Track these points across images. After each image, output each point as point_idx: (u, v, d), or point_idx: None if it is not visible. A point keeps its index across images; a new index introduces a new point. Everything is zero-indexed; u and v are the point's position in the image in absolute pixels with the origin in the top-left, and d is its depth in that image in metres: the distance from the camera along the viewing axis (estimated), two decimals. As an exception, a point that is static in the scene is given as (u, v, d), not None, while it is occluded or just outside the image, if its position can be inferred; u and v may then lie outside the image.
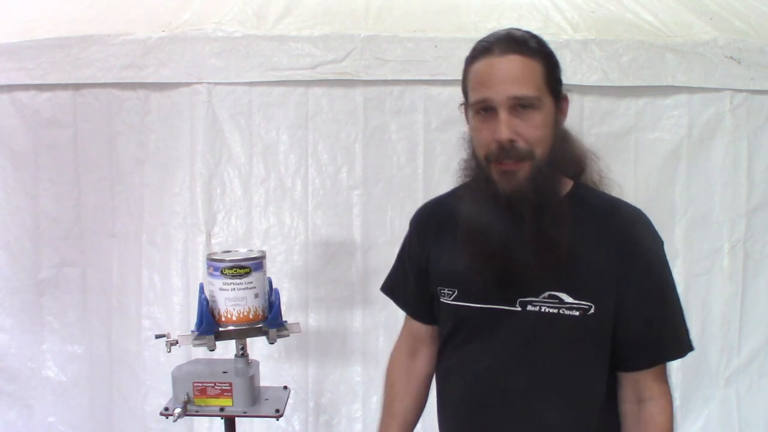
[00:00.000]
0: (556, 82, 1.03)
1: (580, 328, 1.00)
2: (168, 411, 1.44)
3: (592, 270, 1.00)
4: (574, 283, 1.00)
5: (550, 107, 1.01)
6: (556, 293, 1.00)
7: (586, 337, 1.01)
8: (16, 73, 2.11)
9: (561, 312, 1.00)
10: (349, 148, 2.12)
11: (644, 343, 1.02)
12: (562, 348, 1.03)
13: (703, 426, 2.20)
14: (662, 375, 1.06)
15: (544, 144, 1.00)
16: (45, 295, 2.24)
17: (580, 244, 1.00)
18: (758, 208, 2.18)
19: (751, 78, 2.13)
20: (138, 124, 2.14)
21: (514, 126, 0.97)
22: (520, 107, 0.98)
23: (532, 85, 0.98)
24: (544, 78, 1.00)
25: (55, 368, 2.26)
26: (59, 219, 2.21)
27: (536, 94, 0.98)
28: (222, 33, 2.07)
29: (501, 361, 1.06)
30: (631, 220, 1.04)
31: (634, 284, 1.00)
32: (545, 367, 1.04)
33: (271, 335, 1.46)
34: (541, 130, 0.99)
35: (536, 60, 0.99)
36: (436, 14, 2.21)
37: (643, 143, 2.15)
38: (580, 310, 1.00)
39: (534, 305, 1.02)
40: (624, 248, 1.00)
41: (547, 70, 1.01)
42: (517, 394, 1.05)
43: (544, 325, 1.01)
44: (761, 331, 2.22)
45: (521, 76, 0.98)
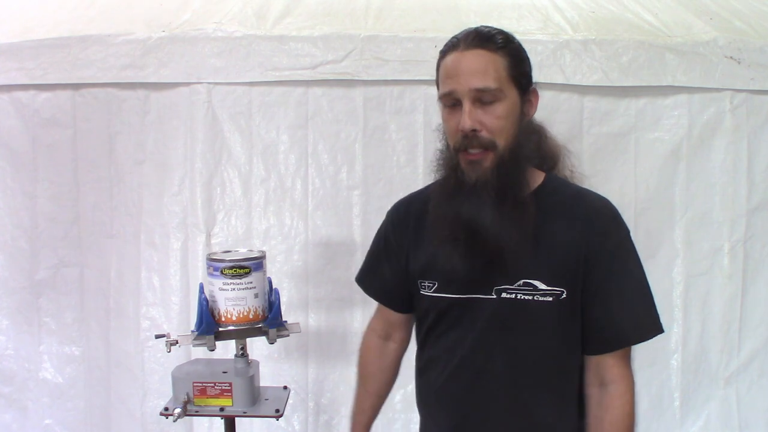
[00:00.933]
0: (521, 75, 1.07)
1: (553, 313, 1.06)
2: (168, 411, 1.44)
3: (562, 256, 1.05)
4: (547, 270, 1.05)
5: (514, 99, 1.06)
6: (531, 281, 1.05)
7: (560, 322, 1.07)
8: (16, 72, 2.11)
9: (535, 298, 1.05)
10: (349, 148, 2.12)
11: (606, 327, 1.07)
12: (536, 333, 1.08)
13: (703, 426, 2.20)
14: (625, 359, 1.09)
15: (506, 134, 1.04)
16: (42, 296, 2.23)
17: (551, 232, 1.06)
18: (758, 208, 2.18)
19: (751, 78, 2.13)
20: (137, 124, 2.14)
21: (476, 116, 1.03)
22: (483, 99, 1.03)
23: (493, 78, 1.03)
24: (506, 71, 1.04)
25: (52, 370, 2.26)
26: (57, 219, 2.20)
27: (497, 86, 1.03)
28: (222, 33, 2.07)
29: (480, 347, 1.11)
30: (597, 209, 1.09)
31: (597, 269, 1.05)
32: (521, 352, 1.09)
33: (271, 335, 1.46)
34: (502, 121, 1.04)
35: (499, 54, 1.04)
36: (436, 14, 2.21)
37: (643, 143, 2.15)
38: (553, 296, 1.05)
39: (509, 293, 1.07)
40: (589, 235, 1.05)
41: (510, 64, 1.05)
42: (497, 379, 1.10)
43: (519, 312, 1.06)
44: (761, 331, 2.22)
45: (483, 69, 1.03)
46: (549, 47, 2.06)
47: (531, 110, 1.10)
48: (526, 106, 1.09)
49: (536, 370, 1.09)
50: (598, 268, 1.05)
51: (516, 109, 1.06)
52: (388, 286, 1.29)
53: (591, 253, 1.05)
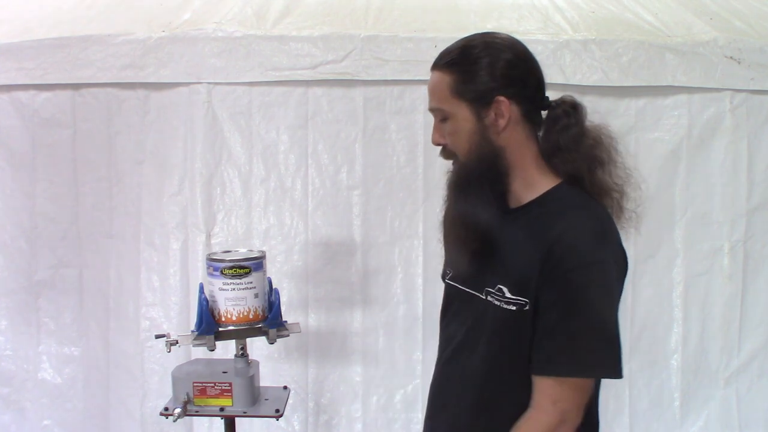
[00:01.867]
0: (470, 90, 1.06)
1: (517, 322, 1.04)
2: (168, 411, 1.44)
3: (526, 267, 1.03)
4: (512, 279, 1.05)
5: (464, 115, 1.07)
6: (501, 286, 1.06)
7: (523, 332, 1.04)
8: (16, 73, 2.11)
9: (501, 305, 1.06)
10: (349, 148, 2.12)
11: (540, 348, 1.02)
12: (504, 338, 1.07)
13: (703, 426, 2.20)
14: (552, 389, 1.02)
15: (461, 148, 1.09)
16: (41, 297, 2.22)
17: (524, 242, 1.05)
18: (758, 208, 2.18)
19: (751, 78, 2.13)
20: (137, 124, 2.14)
21: (440, 132, 1.11)
22: (439, 117, 1.10)
23: (438, 98, 1.09)
24: (450, 89, 1.07)
25: (51, 370, 2.25)
26: (57, 219, 2.20)
27: (439, 106, 1.09)
28: (222, 33, 2.07)
29: (468, 342, 1.14)
30: (570, 227, 1.02)
31: (545, 291, 1.01)
32: (494, 354, 1.09)
33: (271, 335, 1.46)
34: (453, 137, 1.09)
35: (445, 72, 1.07)
36: (436, 14, 2.21)
37: (643, 143, 2.15)
38: (517, 305, 1.04)
39: (491, 295, 1.08)
40: (546, 255, 1.00)
41: (456, 81, 1.06)
42: (473, 374, 1.12)
43: (492, 314, 1.08)
44: (761, 331, 2.22)
45: (432, 90, 1.10)
46: (549, 47, 2.06)
47: (500, 120, 1.05)
48: (491, 117, 1.05)
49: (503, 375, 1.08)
50: (550, 286, 1.00)
51: (468, 124, 1.06)
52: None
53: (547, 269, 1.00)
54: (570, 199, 1.08)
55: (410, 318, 2.14)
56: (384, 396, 2.15)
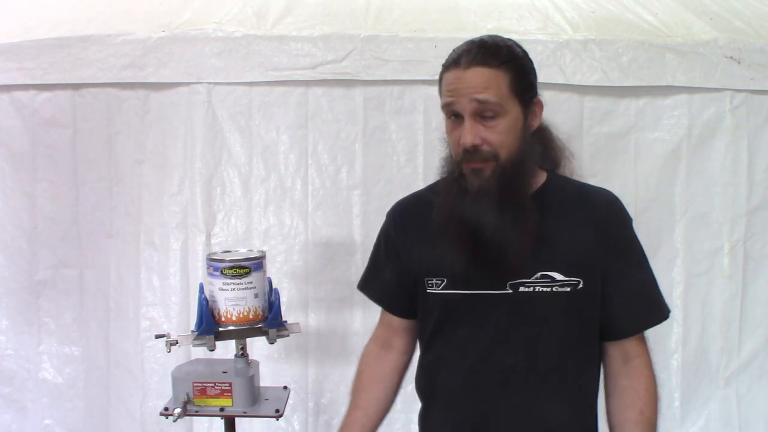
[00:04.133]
0: (525, 89, 1.08)
1: (571, 303, 1.09)
2: (168, 411, 1.44)
3: (576, 248, 1.10)
4: (563, 262, 1.09)
5: (517, 113, 1.07)
6: (548, 273, 1.09)
7: (578, 311, 1.11)
8: (16, 73, 2.11)
9: (554, 290, 1.09)
10: (349, 148, 2.12)
11: (631, 311, 1.13)
12: (556, 323, 1.11)
13: (703, 426, 2.20)
14: (643, 338, 1.17)
15: (508, 147, 1.06)
16: (42, 297, 2.22)
17: (562, 226, 1.10)
18: (758, 208, 2.18)
19: (751, 78, 2.13)
20: (137, 124, 2.14)
21: (477, 132, 1.04)
22: (484, 114, 1.04)
23: (493, 95, 1.04)
24: (508, 87, 1.05)
25: (52, 370, 2.25)
26: (57, 219, 2.19)
27: (497, 101, 1.04)
28: (222, 33, 2.07)
29: (500, 343, 1.11)
30: (606, 200, 1.16)
31: (617, 258, 1.11)
32: (542, 344, 1.11)
33: (271, 335, 1.46)
34: (504, 136, 1.05)
35: (501, 70, 1.05)
36: (436, 14, 2.21)
37: (643, 143, 2.15)
38: (570, 286, 1.09)
39: (527, 286, 1.09)
40: (604, 225, 1.12)
41: (512, 79, 1.06)
42: (516, 375, 1.11)
43: (539, 304, 1.09)
44: (761, 331, 2.22)
45: (483, 87, 1.04)
46: (549, 47, 2.06)
47: (535, 121, 1.12)
48: (530, 118, 1.10)
49: (556, 361, 1.12)
50: (618, 256, 1.11)
51: (518, 123, 1.07)
52: (390, 288, 1.27)
53: (610, 243, 1.11)
54: (573, 181, 1.20)
55: (410, 318, 2.14)
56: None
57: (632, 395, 1.13)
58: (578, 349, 1.13)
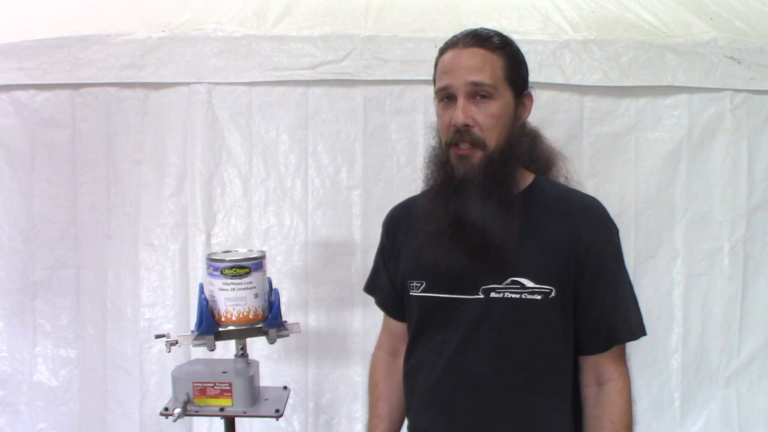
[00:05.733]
0: (517, 78, 1.08)
1: (542, 312, 1.05)
2: (168, 411, 1.44)
3: (550, 255, 1.05)
4: (535, 268, 1.05)
5: (508, 100, 1.07)
6: (519, 279, 1.06)
7: (549, 321, 1.07)
8: (16, 73, 2.11)
9: (523, 297, 1.05)
10: (349, 148, 2.12)
11: (600, 326, 1.08)
12: (525, 332, 1.07)
13: (703, 426, 2.20)
14: (620, 357, 1.10)
15: (497, 134, 1.06)
16: (38, 298, 2.21)
17: (538, 231, 1.07)
18: (758, 208, 2.18)
19: (751, 78, 2.13)
20: (136, 124, 2.14)
21: (470, 112, 1.05)
22: (477, 96, 1.05)
23: (489, 75, 1.05)
24: (503, 71, 1.06)
25: (47, 373, 2.23)
26: (54, 220, 2.18)
27: (492, 82, 1.05)
28: (222, 33, 2.06)
29: (468, 348, 1.10)
30: (585, 208, 1.10)
31: (589, 269, 1.06)
32: (511, 351, 1.08)
33: (271, 335, 1.46)
34: (494, 119, 1.05)
35: (497, 54, 1.07)
36: (436, 14, 2.21)
37: (643, 143, 2.15)
38: (541, 294, 1.05)
39: (498, 292, 1.07)
40: (578, 234, 1.06)
41: (507, 65, 1.07)
42: (486, 381, 1.09)
43: (508, 311, 1.06)
44: (761, 331, 2.22)
45: (479, 66, 1.05)
46: (549, 47, 2.06)
47: (524, 113, 1.11)
48: (520, 109, 1.10)
49: (526, 370, 1.08)
50: (590, 267, 1.06)
51: (509, 110, 1.07)
52: (388, 291, 1.29)
53: (581, 252, 1.05)
54: (560, 186, 1.15)
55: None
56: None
57: (595, 427, 1.08)
58: (548, 361, 1.08)
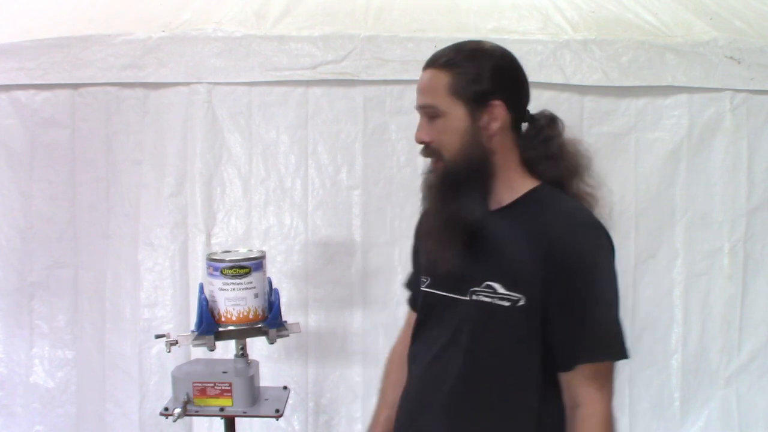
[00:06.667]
0: (469, 90, 1.08)
1: (511, 319, 1.06)
2: (168, 411, 1.44)
3: (524, 264, 1.05)
4: (506, 275, 1.07)
5: (458, 115, 1.09)
6: (492, 283, 1.07)
7: (517, 329, 1.06)
8: (16, 73, 2.10)
9: (494, 302, 1.07)
10: (349, 148, 2.12)
11: (565, 343, 1.06)
12: (495, 337, 1.09)
13: (703, 426, 2.20)
14: (595, 379, 1.05)
15: (450, 147, 1.10)
16: (35, 298, 2.19)
17: (518, 238, 1.07)
18: (758, 208, 2.18)
19: (751, 78, 2.13)
20: (136, 124, 2.14)
21: (425, 130, 1.13)
22: (429, 114, 1.12)
23: (432, 95, 1.10)
24: (447, 88, 1.09)
25: (44, 374, 2.21)
26: (53, 219, 2.18)
27: (433, 102, 1.10)
28: (222, 33, 2.06)
29: (451, 347, 1.13)
30: (563, 220, 1.06)
31: (557, 283, 1.03)
32: (481, 355, 1.10)
33: (271, 335, 1.46)
34: (444, 135, 1.10)
35: (443, 72, 1.10)
36: (436, 14, 2.21)
37: (643, 143, 2.15)
38: (510, 301, 1.05)
39: (477, 294, 1.09)
40: (552, 248, 1.03)
41: (453, 81, 1.09)
42: (459, 380, 1.12)
43: (481, 314, 1.08)
44: (761, 331, 2.22)
45: (425, 89, 1.12)
46: (549, 47, 2.06)
47: (492, 123, 1.09)
48: (485, 119, 1.08)
49: (494, 376, 1.09)
50: (559, 281, 1.03)
51: (461, 124, 1.09)
52: (415, 289, 1.33)
53: (550, 264, 1.02)
54: (555, 197, 1.12)
55: (410, 318, 2.14)
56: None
57: None
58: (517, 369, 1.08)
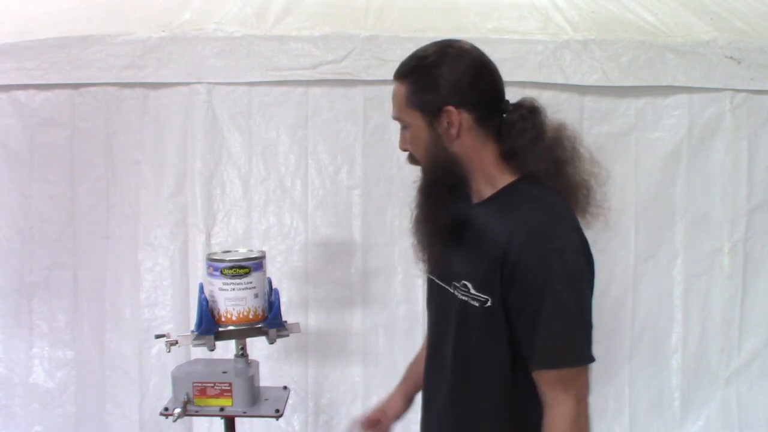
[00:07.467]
0: (424, 100, 1.09)
1: (481, 319, 1.07)
2: (168, 411, 1.44)
3: (487, 266, 1.04)
4: (476, 275, 1.07)
5: (418, 125, 1.11)
6: (466, 282, 1.09)
7: (487, 329, 1.08)
8: (16, 73, 2.10)
9: (468, 300, 1.09)
10: (349, 148, 2.12)
11: (525, 347, 1.05)
12: (470, 334, 1.11)
13: (703, 426, 2.20)
14: (558, 381, 1.03)
15: (419, 155, 1.14)
16: (35, 298, 2.19)
17: (482, 240, 1.07)
18: (758, 208, 2.18)
19: (751, 78, 2.13)
20: (136, 124, 2.14)
21: (403, 139, 1.17)
22: (402, 125, 1.16)
23: (396, 107, 1.14)
24: (405, 99, 1.11)
25: (43, 374, 2.21)
26: (52, 219, 2.18)
27: (398, 115, 1.14)
28: (222, 33, 2.06)
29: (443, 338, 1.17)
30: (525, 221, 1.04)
31: (512, 291, 1.02)
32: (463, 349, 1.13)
33: (271, 335, 1.46)
34: (410, 144, 1.15)
35: (401, 83, 1.12)
36: (436, 14, 2.21)
37: (643, 143, 2.15)
38: (479, 302, 1.07)
39: (456, 290, 1.12)
40: (507, 253, 1.01)
41: (408, 91, 1.10)
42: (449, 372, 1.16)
43: (460, 310, 1.11)
44: (761, 331, 2.22)
45: (393, 100, 1.14)
46: (549, 47, 2.06)
47: (451, 130, 1.07)
48: (442, 126, 1.07)
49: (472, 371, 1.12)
50: (514, 286, 1.01)
51: (422, 133, 1.11)
52: None
53: (507, 268, 1.01)
54: (523, 194, 1.10)
55: (410, 318, 2.14)
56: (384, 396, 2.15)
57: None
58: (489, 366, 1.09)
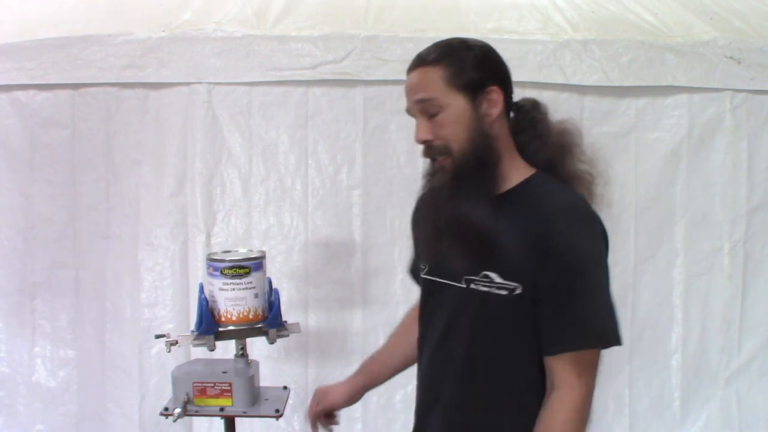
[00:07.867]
0: (466, 79, 1.10)
1: (509, 308, 1.07)
2: (168, 411, 1.44)
3: (517, 252, 1.06)
4: (503, 264, 1.07)
5: (460, 105, 1.10)
6: (489, 273, 1.08)
7: (515, 318, 1.08)
8: (16, 73, 2.10)
9: (492, 291, 1.08)
10: (349, 148, 2.12)
11: (550, 329, 1.07)
12: (494, 326, 1.10)
13: (703, 426, 2.20)
14: (575, 365, 1.05)
15: (459, 138, 1.10)
16: (36, 298, 2.20)
17: (513, 227, 1.08)
18: (758, 208, 2.18)
19: (751, 78, 2.13)
20: (136, 124, 2.14)
21: (426, 129, 1.13)
22: (428, 111, 1.11)
23: (430, 89, 1.10)
24: (444, 81, 1.10)
25: (45, 373, 2.22)
26: (53, 220, 2.18)
27: (433, 95, 1.10)
28: (222, 33, 2.06)
29: (449, 334, 1.16)
30: (557, 208, 1.07)
31: (548, 269, 1.04)
32: (481, 343, 1.12)
33: (271, 335, 1.46)
34: (449, 128, 1.10)
35: (436, 67, 1.11)
36: (436, 14, 2.21)
37: (643, 143, 2.15)
38: (508, 290, 1.07)
39: (475, 284, 1.10)
40: (543, 233, 1.05)
41: (450, 73, 1.10)
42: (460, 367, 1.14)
43: (480, 303, 1.10)
44: (761, 331, 2.22)
45: (420, 86, 1.12)
46: (549, 47, 2.06)
47: (493, 109, 1.10)
48: (484, 107, 1.10)
49: (493, 363, 1.11)
50: (549, 268, 1.04)
51: (465, 114, 1.10)
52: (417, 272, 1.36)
53: (541, 251, 1.04)
54: (549, 185, 1.13)
55: (410, 318, 2.14)
56: (384, 396, 2.15)
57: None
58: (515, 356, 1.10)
